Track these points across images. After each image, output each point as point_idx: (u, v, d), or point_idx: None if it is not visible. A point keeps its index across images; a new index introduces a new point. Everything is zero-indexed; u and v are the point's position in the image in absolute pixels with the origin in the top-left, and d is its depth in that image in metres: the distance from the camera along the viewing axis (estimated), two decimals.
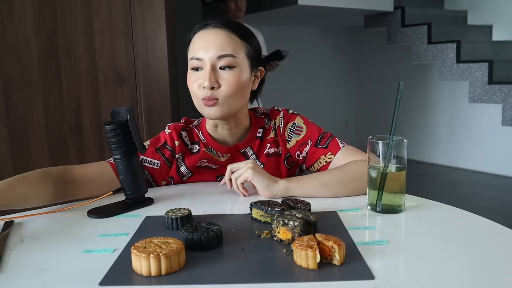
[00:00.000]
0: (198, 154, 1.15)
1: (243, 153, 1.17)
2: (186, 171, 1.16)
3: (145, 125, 2.12)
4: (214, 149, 1.16)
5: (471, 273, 0.64)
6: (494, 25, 4.62)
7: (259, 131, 1.18)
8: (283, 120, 1.19)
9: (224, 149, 1.15)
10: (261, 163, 1.17)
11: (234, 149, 1.16)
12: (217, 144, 1.15)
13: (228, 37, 1.04)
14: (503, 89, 3.77)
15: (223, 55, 1.03)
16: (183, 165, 1.16)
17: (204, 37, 1.05)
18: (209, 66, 1.03)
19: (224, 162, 1.16)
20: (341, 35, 5.71)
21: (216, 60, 1.03)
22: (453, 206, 0.93)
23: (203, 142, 1.16)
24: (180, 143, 1.15)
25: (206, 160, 1.16)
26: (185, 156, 1.16)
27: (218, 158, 1.16)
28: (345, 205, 0.96)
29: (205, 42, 1.04)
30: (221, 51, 1.03)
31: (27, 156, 1.91)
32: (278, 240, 0.76)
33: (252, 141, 1.17)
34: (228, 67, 1.04)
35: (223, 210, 0.95)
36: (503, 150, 4.39)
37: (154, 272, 0.64)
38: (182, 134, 1.16)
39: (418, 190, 4.08)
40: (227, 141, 1.16)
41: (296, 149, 1.17)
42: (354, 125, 5.95)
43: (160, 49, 2.11)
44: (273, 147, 1.18)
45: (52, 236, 0.82)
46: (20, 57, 1.86)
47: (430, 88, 5.01)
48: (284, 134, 1.18)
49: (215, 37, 1.04)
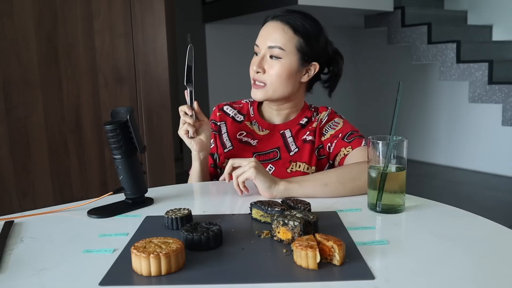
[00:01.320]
0: (240, 125, 1.28)
1: (282, 134, 1.26)
2: (228, 141, 1.27)
3: (145, 125, 2.12)
4: (257, 122, 1.27)
5: (471, 273, 0.64)
6: (494, 25, 4.62)
7: (303, 119, 1.27)
8: (328, 117, 1.26)
9: (265, 124, 1.27)
10: (296, 146, 1.24)
11: (274, 128, 1.26)
12: (261, 119, 1.27)
13: (282, 30, 1.15)
14: (503, 89, 3.77)
15: (272, 46, 1.15)
16: (226, 133, 1.28)
17: (266, 27, 1.19)
18: (262, 53, 1.17)
19: (262, 136, 1.26)
20: (341, 35, 5.71)
21: (267, 49, 1.16)
22: (453, 206, 0.93)
23: (249, 116, 1.29)
24: (221, 114, 1.30)
25: (246, 133, 1.27)
26: (227, 123, 1.29)
27: (258, 131, 1.27)
28: (345, 205, 0.96)
29: (264, 32, 1.18)
30: (272, 42, 1.15)
31: (27, 156, 1.91)
32: (278, 240, 0.76)
33: (294, 125, 1.26)
34: (276, 57, 1.15)
35: (223, 210, 0.95)
36: (503, 150, 4.39)
37: (154, 272, 0.64)
38: (224, 107, 1.32)
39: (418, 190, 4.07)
40: (273, 120, 1.28)
41: (328, 141, 1.23)
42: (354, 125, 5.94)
43: (160, 49, 2.11)
44: (311, 135, 1.24)
45: (52, 236, 0.82)
46: (20, 57, 1.86)
47: (430, 88, 5.01)
48: (323, 128, 1.24)
49: (272, 28, 1.17)
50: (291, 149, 1.23)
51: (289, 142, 1.24)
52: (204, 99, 4.87)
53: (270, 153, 1.24)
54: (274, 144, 1.25)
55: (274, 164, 1.23)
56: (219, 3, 4.54)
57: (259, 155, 1.24)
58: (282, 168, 1.22)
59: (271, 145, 1.25)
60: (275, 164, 1.23)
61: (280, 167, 1.22)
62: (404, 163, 0.91)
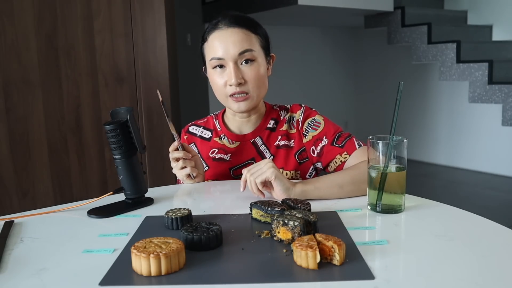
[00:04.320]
0: (209, 143, 1.24)
1: (252, 143, 1.22)
2: (202, 162, 1.22)
3: (145, 125, 2.12)
4: (226, 136, 1.23)
5: (471, 273, 0.64)
6: (494, 25, 4.62)
7: (270, 122, 1.23)
8: (303, 115, 1.21)
9: (234, 136, 1.22)
10: (271, 154, 1.21)
11: (243, 138, 1.22)
12: (229, 132, 1.23)
13: (244, 33, 1.12)
14: (503, 89, 3.77)
15: (243, 51, 1.10)
16: (198, 154, 1.22)
17: (221, 37, 1.12)
18: (232, 63, 1.11)
19: (234, 149, 1.22)
20: (341, 35, 5.71)
21: (238, 57, 1.11)
22: (453, 206, 0.93)
23: (217, 130, 1.25)
24: (188, 136, 1.28)
25: (217, 150, 1.23)
26: (197, 144, 1.26)
27: (229, 145, 1.22)
28: (345, 205, 0.96)
29: (223, 42, 1.11)
30: (241, 48, 1.10)
31: (27, 156, 1.91)
32: (278, 240, 0.75)
33: (262, 131, 1.22)
34: (251, 60, 1.12)
35: (223, 210, 0.95)
36: (503, 150, 4.39)
37: (154, 272, 0.64)
38: (189, 129, 1.29)
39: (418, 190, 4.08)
40: (242, 130, 1.23)
41: (312, 144, 1.19)
42: (354, 125, 5.95)
43: (160, 49, 2.11)
44: (284, 139, 1.21)
45: (52, 236, 0.82)
46: (20, 57, 1.86)
47: (430, 88, 5.01)
48: (302, 129, 1.21)
49: (231, 35, 1.11)
50: (266, 157, 1.20)
51: (262, 150, 1.21)
52: (204, 99, 4.87)
53: (246, 164, 1.19)
54: (248, 155, 1.21)
55: None
56: (219, 3, 4.54)
57: (235, 169, 1.21)
58: None
59: (245, 157, 1.21)
60: None
61: None
62: (404, 163, 0.91)
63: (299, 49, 5.33)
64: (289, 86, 5.31)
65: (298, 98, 5.37)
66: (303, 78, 5.48)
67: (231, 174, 1.22)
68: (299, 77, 5.42)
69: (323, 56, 5.63)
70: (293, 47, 5.18)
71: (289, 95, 5.27)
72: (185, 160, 1.12)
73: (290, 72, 5.29)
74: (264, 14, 4.21)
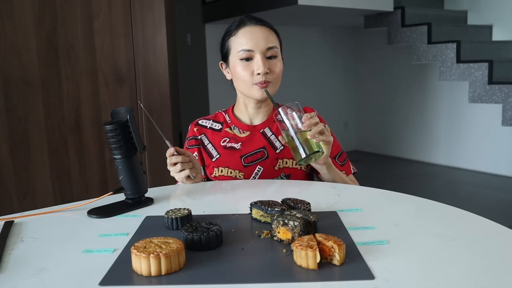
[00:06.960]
0: (221, 133, 1.31)
1: (262, 133, 1.29)
2: (214, 150, 1.30)
3: (145, 125, 2.12)
4: (236, 127, 1.31)
5: (471, 273, 0.64)
6: (494, 25, 4.62)
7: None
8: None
9: (245, 126, 1.31)
10: (281, 144, 1.27)
11: (254, 128, 1.30)
12: (240, 122, 1.31)
13: (269, 32, 1.25)
14: (503, 89, 3.77)
15: (271, 46, 1.23)
16: (209, 143, 1.31)
17: (252, 31, 1.23)
18: (260, 55, 1.21)
19: (245, 138, 1.29)
20: (341, 35, 5.71)
21: (266, 51, 1.22)
22: (453, 206, 0.93)
23: (227, 122, 1.32)
24: (198, 128, 1.33)
25: (229, 139, 1.30)
26: (207, 134, 1.32)
27: (239, 134, 1.30)
28: (345, 205, 0.96)
29: (253, 35, 1.22)
30: (269, 43, 1.22)
31: (27, 156, 1.91)
32: (278, 240, 0.76)
33: (271, 123, 1.30)
34: (274, 57, 1.24)
35: (223, 210, 0.95)
36: (503, 150, 4.39)
37: (154, 272, 0.64)
38: (199, 122, 1.35)
39: (418, 190, 4.08)
40: (253, 121, 1.32)
41: None
42: (354, 125, 5.95)
43: (160, 49, 2.11)
44: None
45: (52, 236, 0.82)
46: (20, 57, 1.86)
47: (430, 88, 5.01)
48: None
49: (261, 31, 1.23)
50: (276, 147, 1.27)
51: (272, 140, 1.28)
52: (204, 100, 4.87)
53: (257, 153, 1.27)
54: (258, 144, 1.28)
55: (262, 164, 1.25)
56: (219, 3, 4.54)
57: (246, 157, 1.26)
58: (270, 167, 1.25)
59: (255, 146, 1.28)
60: (263, 164, 1.25)
61: (268, 166, 1.25)
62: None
63: (299, 49, 5.32)
64: (288, 86, 5.31)
65: (298, 98, 5.35)
66: (303, 78, 5.47)
67: (242, 161, 1.26)
68: (299, 77, 5.42)
69: (323, 56, 5.62)
70: (293, 47, 5.17)
71: (289, 95, 5.27)
72: (183, 163, 1.14)
73: (290, 72, 5.28)
74: (264, 14, 4.21)
